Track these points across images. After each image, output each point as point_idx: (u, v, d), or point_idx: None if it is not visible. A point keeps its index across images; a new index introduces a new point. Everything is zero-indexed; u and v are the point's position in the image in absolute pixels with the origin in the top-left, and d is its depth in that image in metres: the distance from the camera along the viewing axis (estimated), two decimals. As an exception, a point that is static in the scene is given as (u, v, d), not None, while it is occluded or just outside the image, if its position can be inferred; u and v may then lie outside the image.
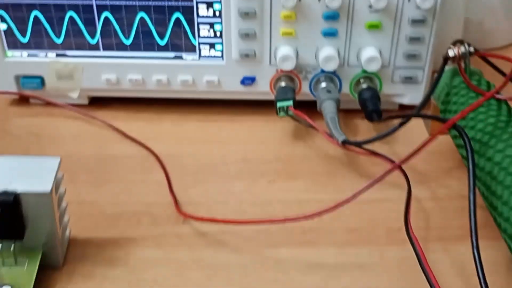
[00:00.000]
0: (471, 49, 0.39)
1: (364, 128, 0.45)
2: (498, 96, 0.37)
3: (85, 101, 0.48)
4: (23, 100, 0.48)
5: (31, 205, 0.29)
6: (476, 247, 0.28)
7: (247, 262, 0.33)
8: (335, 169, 0.40)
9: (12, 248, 0.29)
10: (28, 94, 0.46)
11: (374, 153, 0.37)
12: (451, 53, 0.39)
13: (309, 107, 0.43)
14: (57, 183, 0.30)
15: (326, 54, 0.42)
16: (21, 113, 0.47)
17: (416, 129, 0.43)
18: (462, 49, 0.39)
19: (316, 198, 0.38)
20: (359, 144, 0.37)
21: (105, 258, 0.33)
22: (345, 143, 0.38)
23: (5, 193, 0.28)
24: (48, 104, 0.47)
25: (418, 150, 0.34)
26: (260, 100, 0.46)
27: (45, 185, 0.28)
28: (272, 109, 0.43)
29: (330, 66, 0.43)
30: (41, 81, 0.46)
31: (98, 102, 0.48)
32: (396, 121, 0.39)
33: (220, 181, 0.40)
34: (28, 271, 0.30)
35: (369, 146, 0.38)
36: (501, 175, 0.31)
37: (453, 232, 0.34)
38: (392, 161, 0.36)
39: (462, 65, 0.39)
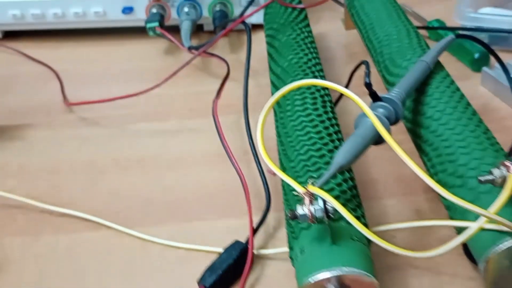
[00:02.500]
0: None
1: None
2: None
3: (-1, 35, 0.60)
4: None
5: None
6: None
7: (113, 133, 0.46)
8: (190, 72, 0.53)
9: None
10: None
11: (210, 54, 0.50)
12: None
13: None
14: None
15: (183, -16, 0.55)
16: None
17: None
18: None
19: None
20: (197, 48, 0.50)
21: (10, 137, 0.45)
22: (190, 48, 0.50)
23: None
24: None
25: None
26: (139, 26, 0.58)
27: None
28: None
29: (188, -6, 0.55)
30: (-40, 19, 0.57)
31: (11, 35, 0.59)
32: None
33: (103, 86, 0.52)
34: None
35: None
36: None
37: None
38: (222, 59, 0.49)
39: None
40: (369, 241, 0.26)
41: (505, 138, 0.41)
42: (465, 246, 0.30)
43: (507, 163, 0.25)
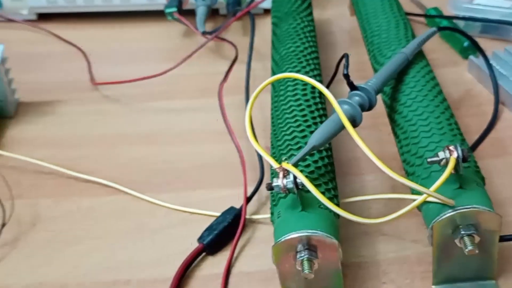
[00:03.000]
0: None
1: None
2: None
3: (34, 17, 0.65)
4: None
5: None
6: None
7: (131, 109, 0.52)
8: (204, 54, 0.58)
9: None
10: (-9, 13, 0.64)
11: (221, 39, 0.54)
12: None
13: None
14: (3, 59, 0.48)
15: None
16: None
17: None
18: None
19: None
20: (210, 33, 0.55)
21: (43, 111, 0.51)
22: (204, 33, 0.55)
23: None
24: (8, 20, 0.64)
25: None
26: (160, 10, 0.63)
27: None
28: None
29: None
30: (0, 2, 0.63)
31: (45, 17, 0.65)
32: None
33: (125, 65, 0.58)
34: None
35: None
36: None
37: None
38: (233, 44, 0.54)
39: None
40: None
41: (480, 121, 0.45)
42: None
43: (451, 147, 0.29)
